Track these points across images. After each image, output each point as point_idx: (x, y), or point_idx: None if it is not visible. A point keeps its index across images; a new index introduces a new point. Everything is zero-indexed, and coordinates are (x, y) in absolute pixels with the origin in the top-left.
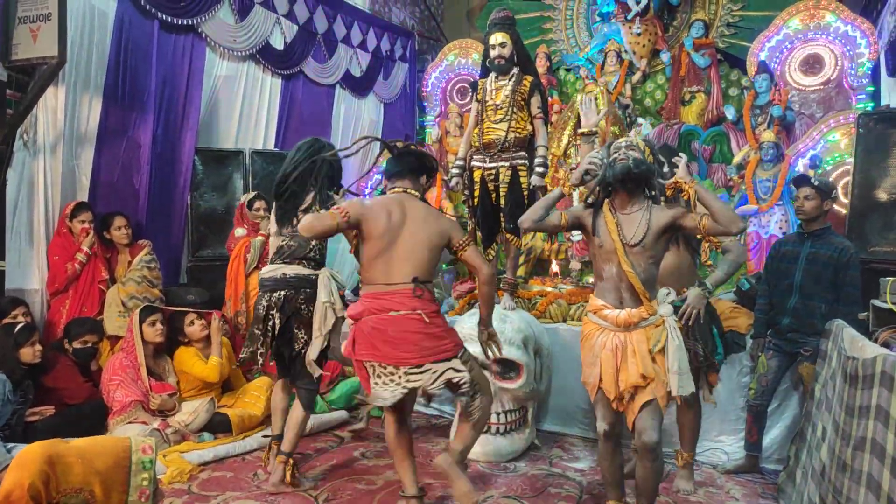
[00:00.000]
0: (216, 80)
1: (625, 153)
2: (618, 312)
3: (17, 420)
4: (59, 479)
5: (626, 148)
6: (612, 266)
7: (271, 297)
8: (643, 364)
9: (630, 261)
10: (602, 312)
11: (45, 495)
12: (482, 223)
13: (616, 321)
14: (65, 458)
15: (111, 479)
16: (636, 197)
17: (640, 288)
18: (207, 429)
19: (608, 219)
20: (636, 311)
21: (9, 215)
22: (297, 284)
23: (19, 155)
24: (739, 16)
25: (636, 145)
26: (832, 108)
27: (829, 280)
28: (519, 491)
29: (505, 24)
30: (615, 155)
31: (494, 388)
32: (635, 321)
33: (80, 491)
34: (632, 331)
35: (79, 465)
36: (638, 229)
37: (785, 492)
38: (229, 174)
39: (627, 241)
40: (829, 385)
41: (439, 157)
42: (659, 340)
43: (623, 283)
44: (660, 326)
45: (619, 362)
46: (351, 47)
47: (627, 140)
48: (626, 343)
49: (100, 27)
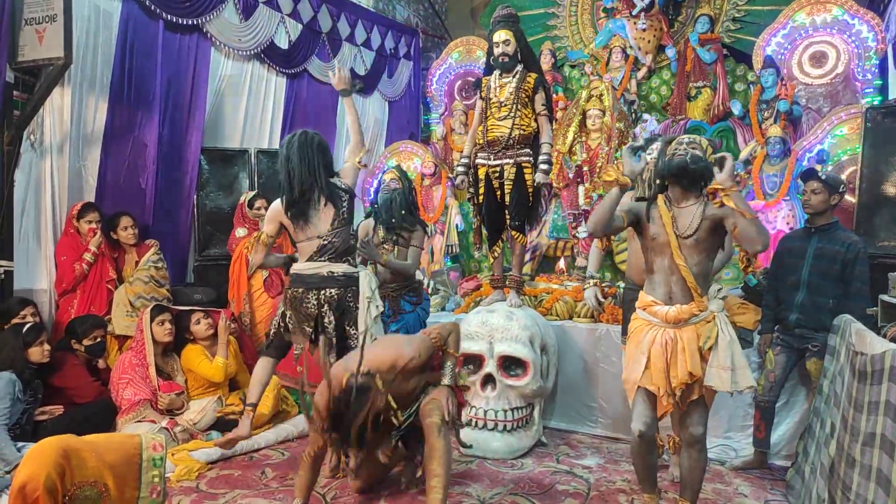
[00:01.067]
0: (221, 79)
1: (685, 149)
2: (668, 309)
3: (27, 419)
4: (74, 472)
5: (688, 144)
6: (664, 259)
7: (320, 295)
8: (692, 362)
9: (683, 254)
10: (652, 309)
11: (61, 487)
12: (487, 221)
13: (666, 317)
14: (79, 452)
15: (123, 474)
16: (691, 192)
17: (691, 282)
18: (215, 427)
19: (663, 211)
20: (686, 308)
21: (17, 216)
22: (345, 283)
23: (26, 156)
24: (745, 10)
25: (699, 143)
26: (839, 103)
27: (837, 275)
28: (526, 489)
29: (508, 22)
30: (675, 149)
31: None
32: (685, 318)
33: (94, 484)
34: (682, 327)
35: (92, 459)
36: (692, 222)
37: (793, 488)
38: (235, 173)
39: (681, 233)
40: (837, 381)
41: (444, 155)
42: (709, 337)
43: (674, 276)
44: (710, 323)
45: (670, 358)
46: (355, 46)
47: (690, 137)
48: (677, 339)
49: (105, 28)
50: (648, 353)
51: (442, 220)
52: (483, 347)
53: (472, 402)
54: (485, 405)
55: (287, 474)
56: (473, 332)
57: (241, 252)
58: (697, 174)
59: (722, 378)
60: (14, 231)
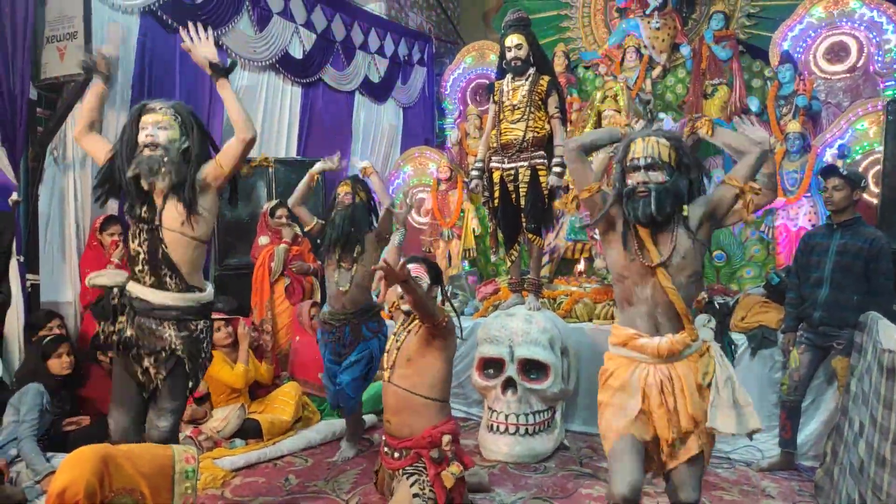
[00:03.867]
0: (238, 90)
1: (645, 184)
2: (658, 340)
3: (55, 430)
4: (113, 479)
5: (647, 169)
6: (646, 287)
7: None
8: (692, 403)
9: (670, 275)
10: (636, 343)
11: (100, 493)
12: (503, 224)
13: (658, 351)
14: (117, 460)
15: (157, 484)
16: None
17: (682, 308)
18: (239, 435)
19: (641, 231)
20: (680, 338)
21: (41, 230)
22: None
23: (50, 171)
24: (760, 6)
25: (658, 158)
26: (859, 96)
27: (861, 271)
28: (549, 492)
29: (520, 26)
30: (633, 184)
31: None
32: (679, 349)
33: (131, 491)
34: (674, 362)
35: (129, 468)
36: (678, 241)
37: (822, 489)
38: (253, 183)
39: (665, 256)
40: (864, 379)
41: (459, 159)
42: (707, 372)
43: (659, 306)
44: (705, 355)
45: (671, 403)
46: (369, 53)
47: (647, 147)
48: (672, 377)
49: (124, 44)
50: (643, 396)
51: (458, 225)
52: (503, 351)
53: (493, 406)
54: (506, 409)
55: (310, 481)
56: (493, 337)
57: (264, 259)
58: (671, 213)
59: (726, 418)
60: (39, 245)
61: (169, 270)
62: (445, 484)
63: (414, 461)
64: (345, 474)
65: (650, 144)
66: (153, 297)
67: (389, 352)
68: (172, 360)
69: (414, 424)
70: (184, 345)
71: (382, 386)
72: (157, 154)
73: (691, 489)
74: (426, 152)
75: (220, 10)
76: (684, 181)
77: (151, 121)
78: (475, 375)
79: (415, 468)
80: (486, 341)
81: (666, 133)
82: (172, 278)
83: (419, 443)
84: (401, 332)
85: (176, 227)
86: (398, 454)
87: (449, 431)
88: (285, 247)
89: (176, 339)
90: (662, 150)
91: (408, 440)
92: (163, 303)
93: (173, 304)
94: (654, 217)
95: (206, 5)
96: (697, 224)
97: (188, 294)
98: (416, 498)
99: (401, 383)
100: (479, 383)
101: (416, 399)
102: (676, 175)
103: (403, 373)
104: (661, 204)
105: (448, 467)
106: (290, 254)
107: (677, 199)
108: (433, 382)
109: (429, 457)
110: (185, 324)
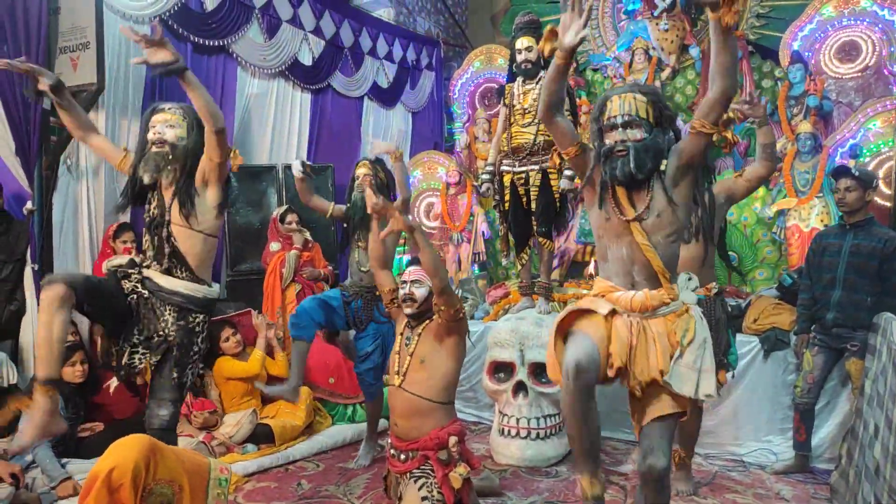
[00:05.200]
0: (248, 98)
1: (623, 143)
2: (632, 294)
3: (70, 436)
4: (158, 467)
5: (625, 127)
6: (621, 245)
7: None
8: (663, 359)
9: (645, 232)
10: (612, 295)
11: (144, 479)
12: (514, 228)
13: (631, 304)
14: (163, 450)
15: (195, 482)
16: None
17: (658, 266)
18: (251, 440)
19: (618, 189)
20: (656, 293)
21: (55, 238)
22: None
23: (63, 179)
24: (769, 6)
25: (636, 115)
26: (871, 96)
27: (874, 272)
28: (562, 496)
29: (530, 28)
30: (611, 143)
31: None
32: (654, 305)
33: (171, 483)
34: (649, 318)
35: (173, 460)
36: (654, 198)
37: (838, 492)
38: (264, 189)
39: (640, 211)
40: (879, 380)
41: (468, 163)
42: (688, 330)
43: (636, 263)
44: (684, 316)
45: (636, 344)
46: (377, 59)
47: (623, 104)
48: (645, 329)
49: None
50: (611, 335)
51: (468, 229)
52: (514, 355)
53: (504, 410)
54: (517, 413)
55: (322, 485)
56: (503, 340)
57: (275, 265)
58: (647, 174)
59: (687, 379)
60: (54, 253)
61: (178, 262)
62: (453, 485)
63: (421, 463)
64: (356, 479)
65: (627, 101)
66: (163, 281)
67: (400, 355)
68: (163, 347)
69: (422, 427)
70: (177, 334)
71: (389, 391)
72: (164, 150)
73: (661, 454)
74: (435, 156)
75: (230, 19)
76: (663, 136)
77: (160, 119)
78: (486, 379)
79: (422, 471)
80: (497, 345)
81: (642, 87)
82: (182, 270)
83: (426, 444)
84: (410, 334)
85: (183, 221)
86: (405, 456)
87: (455, 432)
88: (296, 253)
89: (172, 326)
90: (640, 107)
91: (414, 442)
92: (170, 287)
93: (179, 291)
94: (635, 175)
95: (216, 14)
96: (673, 178)
97: (195, 284)
98: (425, 501)
99: (413, 389)
100: (490, 387)
101: (427, 403)
102: (655, 131)
103: (416, 377)
104: (640, 162)
105: (455, 468)
106: (301, 260)
107: (657, 156)
108: (444, 385)
109: (436, 458)
110: (184, 313)
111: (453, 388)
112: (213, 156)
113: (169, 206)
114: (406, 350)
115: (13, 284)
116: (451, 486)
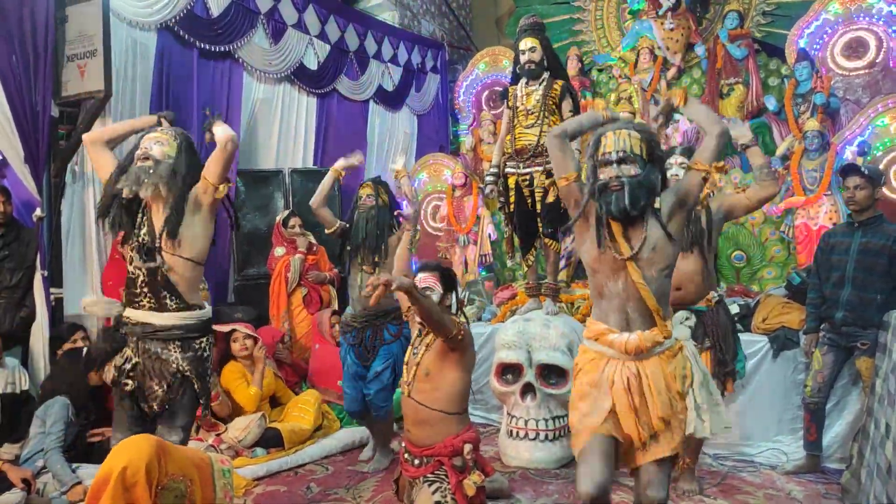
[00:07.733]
0: (254, 102)
1: (618, 178)
2: (626, 337)
3: (81, 441)
4: (168, 463)
5: (619, 163)
6: (617, 281)
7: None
8: (661, 405)
9: (640, 269)
10: (606, 338)
11: (157, 475)
12: (520, 229)
13: (625, 347)
14: (169, 448)
15: (202, 475)
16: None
17: (653, 304)
18: (260, 444)
19: (613, 225)
20: (649, 335)
21: (63, 244)
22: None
23: (71, 186)
24: (775, 4)
25: (630, 151)
26: (879, 92)
27: (884, 270)
28: (571, 498)
29: (534, 30)
30: (605, 178)
31: (539, 397)
32: (648, 346)
33: (182, 478)
34: (643, 360)
35: (180, 457)
36: (649, 234)
37: (850, 492)
38: (270, 194)
39: (635, 249)
40: (890, 379)
41: (474, 165)
42: (685, 376)
43: (631, 300)
44: (678, 356)
45: (637, 401)
46: (382, 62)
47: (618, 141)
48: (640, 375)
49: (142, 59)
50: (611, 397)
51: (474, 231)
52: (521, 357)
53: (512, 412)
54: (525, 415)
55: (331, 489)
56: (511, 342)
57: (280, 270)
58: (641, 210)
59: (705, 423)
60: (63, 259)
61: (168, 292)
62: (467, 492)
63: (435, 468)
64: (365, 482)
65: (622, 138)
66: (155, 319)
67: (409, 365)
68: (182, 383)
69: (435, 435)
70: (191, 366)
71: (402, 398)
72: (147, 165)
73: (660, 487)
74: (441, 159)
75: (235, 24)
76: (656, 173)
77: (150, 137)
78: (494, 381)
79: (436, 476)
80: (504, 346)
81: (636, 125)
82: (172, 299)
83: (441, 451)
84: (418, 344)
85: (173, 248)
86: (419, 461)
87: (470, 440)
88: (301, 257)
89: (182, 361)
90: (634, 143)
91: (429, 448)
92: (165, 323)
93: (176, 324)
94: (629, 211)
95: (222, 20)
96: (669, 214)
97: (189, 312)
98: None
99: (420, 398)
100: (498, 389)
101: (436, 414)
102: (649, 167)
103: (422, 387)
104: (634, 197)
105: (469, 476)
106: (305, 264)
107: (651, 192)
108: (452, 397)
109: (450, 465)
110: (188, 343)
111: (462, 397)
112: (211, 174)
113: (160, 233)
114: (413, 360)
115: (23, 291)
116: (465, 494)
